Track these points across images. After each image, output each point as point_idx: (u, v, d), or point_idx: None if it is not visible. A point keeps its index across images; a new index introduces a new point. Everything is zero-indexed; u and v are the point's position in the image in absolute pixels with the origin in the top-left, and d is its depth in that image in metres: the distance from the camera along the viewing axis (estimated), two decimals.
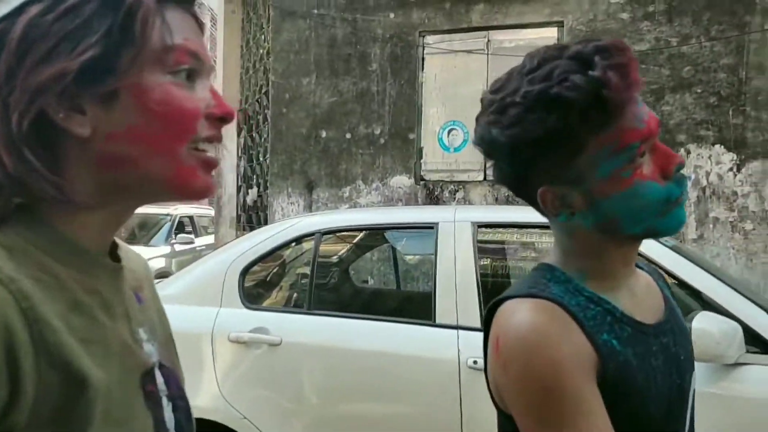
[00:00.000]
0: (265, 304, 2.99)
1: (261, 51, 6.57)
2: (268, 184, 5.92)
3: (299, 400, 2.49)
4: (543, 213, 0.76)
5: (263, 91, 6.38)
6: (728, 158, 4.68)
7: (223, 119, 0.59)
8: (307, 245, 3.00)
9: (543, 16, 5.02)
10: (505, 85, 0.73)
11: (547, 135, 0.68)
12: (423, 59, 5.47)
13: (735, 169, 4.66)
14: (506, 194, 4.96)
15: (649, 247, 2.39)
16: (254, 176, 6.75)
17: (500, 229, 3.17)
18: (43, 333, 0.47)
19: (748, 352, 2.09)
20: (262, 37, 6.55)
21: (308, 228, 2.79)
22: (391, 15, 5.46)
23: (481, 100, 0.76)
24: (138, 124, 0.53)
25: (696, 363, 2.22)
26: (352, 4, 5.55)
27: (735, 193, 4.66)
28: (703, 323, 2.00)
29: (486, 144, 0.74)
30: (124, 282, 0.62)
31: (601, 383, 0.67)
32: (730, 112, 4.68)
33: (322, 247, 3.11)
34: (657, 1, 4.82)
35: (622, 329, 0.72)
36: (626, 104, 0.68)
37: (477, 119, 0.76)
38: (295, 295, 3.30)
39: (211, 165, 0.58)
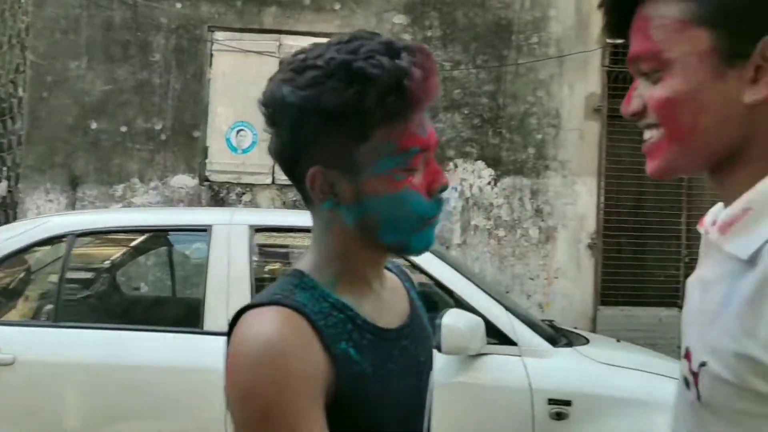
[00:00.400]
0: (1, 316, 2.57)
1: (19, 25, 5.70)
2: (20, 178, 5.14)
3: (40, 427, 2.18)
4: (306, 198, 0.74)
5: (20, 71, 5.53)
6: (487, 173, 5.29)
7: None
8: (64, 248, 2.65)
9: (333, 26, 5.17)
10: (311, 51, 0.71)
11: (340, 108, 0.66)
12: (212, 55, 5.25)
13: (492, 183, 5.29)
14: (294, 198, 4.98)
15: None
16: (3, 168, 5.81)
17: (284, 234, 3.15)
18: None
19: (489, 344, 2.37)
20: (20, 9, 5.69)
21: (58, 229, 2.47)
22: (178, 5, 5.15)
23: (281, 62, 0.73)
24: None
25: (445, 356, 2.44)
26: None
27: (492, 204, 5.29)
28: (451, 319, 2.21)
29: (274, 103, 0.70)
30: None
31: (334, 395, 0.66)
32: (490, 133, 5.31)
33: (86, 251, 2.78)
34: (434, 27, 5.29)
35: (363, 337, 0.71)
36: (420, 106, 0.69)
37: (271, 78, 0.72)
38: (46, 305, 2.89)
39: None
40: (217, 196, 5.17)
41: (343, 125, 0.68)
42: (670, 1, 0.63)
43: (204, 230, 2.52)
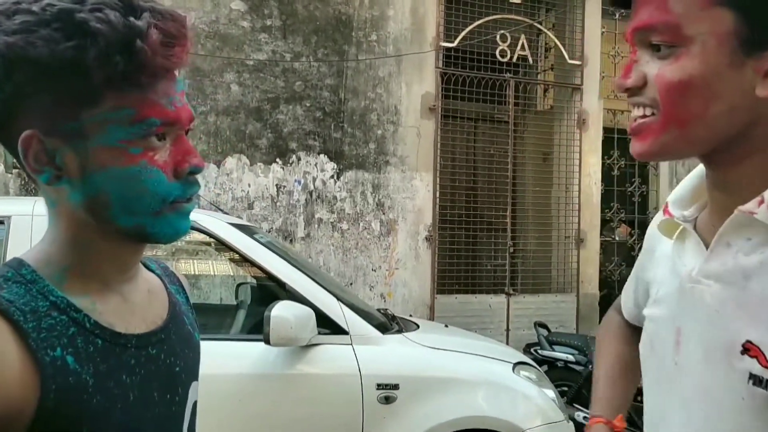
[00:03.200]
0: None
1: None
2: None
3: None
4: (24, 169, 0.63)
5: None
6: (330, 167, 5.33)
7: None
8: None
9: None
10: None
11: (54, 61, 0.58)
12: None
13: (336, 177, 5.34)
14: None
15: (241, 241, 2.50)
16: None
17: None
18: None
19: (321, 334, 2.38)
20: None
21: None
22: None
23: None
24: None
25: (275, 347, 2.40)
26: None
27: (335, 198, 5.34)
28: (280, 311, 2.18)
29: None
30: None
31: (36, 410, 0.57)
32: (332, 127, 5.35)
33: None
34: (274, 16, 5.19)
35: (89, 343, 0.62)
36: (160, 74, 0.62)
37: None
38: None
39: None
40: (29, 186, 4.62)
41: (60, 82, 0.59)
42: None
43: (1, 222, 2.24)
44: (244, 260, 2.52)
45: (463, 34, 5.61)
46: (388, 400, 2.38)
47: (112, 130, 0.61)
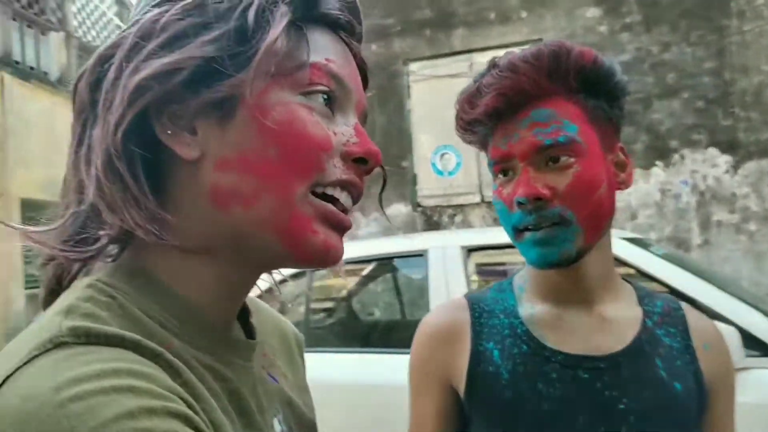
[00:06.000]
0: None
1: None
2: None
3: None
4: None
5: None
6: (723, 160, 4.64)
7: (363, 160, 0.46)
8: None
9: (522, 35, 5.08)
10: None
11: None
12: (409, 86, 5.52)
13: (732, 171, 4.62)
14: None
15: (638, 257, 2.36)
16: None
17: (499, 251, 3.14)
18: (210, 412, 0.39)
19: (748, 356, 2.04)
20: None
21: None
22: (373, 46, 5.54)
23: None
24: (252, 149, 0.42)
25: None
26: None
27: (734, 195, 4.60)
28: None
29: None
30: (256, 361, 0.50)
31: (469, 382, 0.74)
32: (720, 115, 4.66)
33: (326, 283, 3.07)
34: (633, 12, 4.87)
35: (515, 345, 0.73)
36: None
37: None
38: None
39: (335, 221, 0.45)
40: (430, 220, 5.35)
41: None
42: None
43: (421, 255, 2.62)
44: (642, 276, 2.36)
45: None
46: None
47: None
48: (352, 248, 3.20)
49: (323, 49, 0.46)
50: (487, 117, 0.71)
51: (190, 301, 0.44)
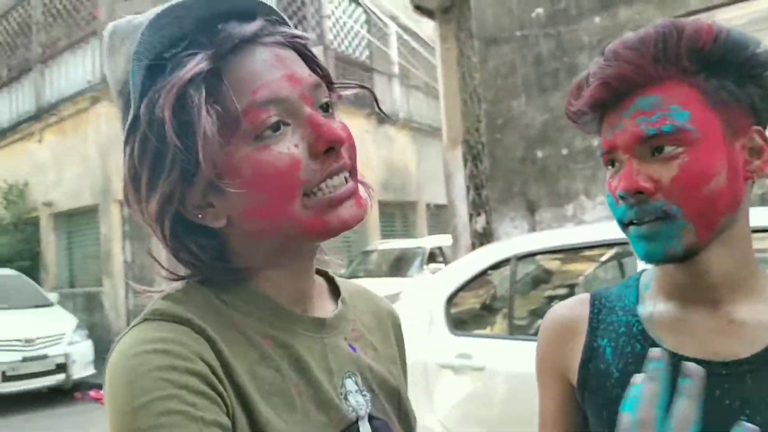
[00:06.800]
0: (471, 330, 3.08)
1: (473, 82, 6.82)
2: (491, 211, 6.05)
3: (506, 426, 2.51)
4: None
5: (479, 120, 6.58)
6: None
7: (331, 148, 0.53)
8: (523, 268, 2.96)
9: None
10: None
11: None
12: None
13: None
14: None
15: None
16: (481, 204, 6.94)
17: None
18: (232, 376, 0.51)
19: None
20: (473, 68, 6.82)
21: (502, 253, 2.81)
22: (597, 19, 5.20)
23: None
24: (248, 201, 0.53)
25: None
26: (554, 18, 5.44)
27: None
28: None
29: None
30: (333, 333, 0.62)
31: (581, 378, 0.74)
32: None
33: (563, 268, 3.05)
34: None
35: (629, 344, 0.71)
36: None
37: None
38: (506, 321, 3.31)
39: (338, 201, 0.54)
40: None
41: None
42: None
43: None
44: None
45: None
46: None
47: None
48: (582, 232, 3.04)
49: (249, 80, 0.51)
50: (590, 108, 0.69)
51: (260, 292, 0.59)
